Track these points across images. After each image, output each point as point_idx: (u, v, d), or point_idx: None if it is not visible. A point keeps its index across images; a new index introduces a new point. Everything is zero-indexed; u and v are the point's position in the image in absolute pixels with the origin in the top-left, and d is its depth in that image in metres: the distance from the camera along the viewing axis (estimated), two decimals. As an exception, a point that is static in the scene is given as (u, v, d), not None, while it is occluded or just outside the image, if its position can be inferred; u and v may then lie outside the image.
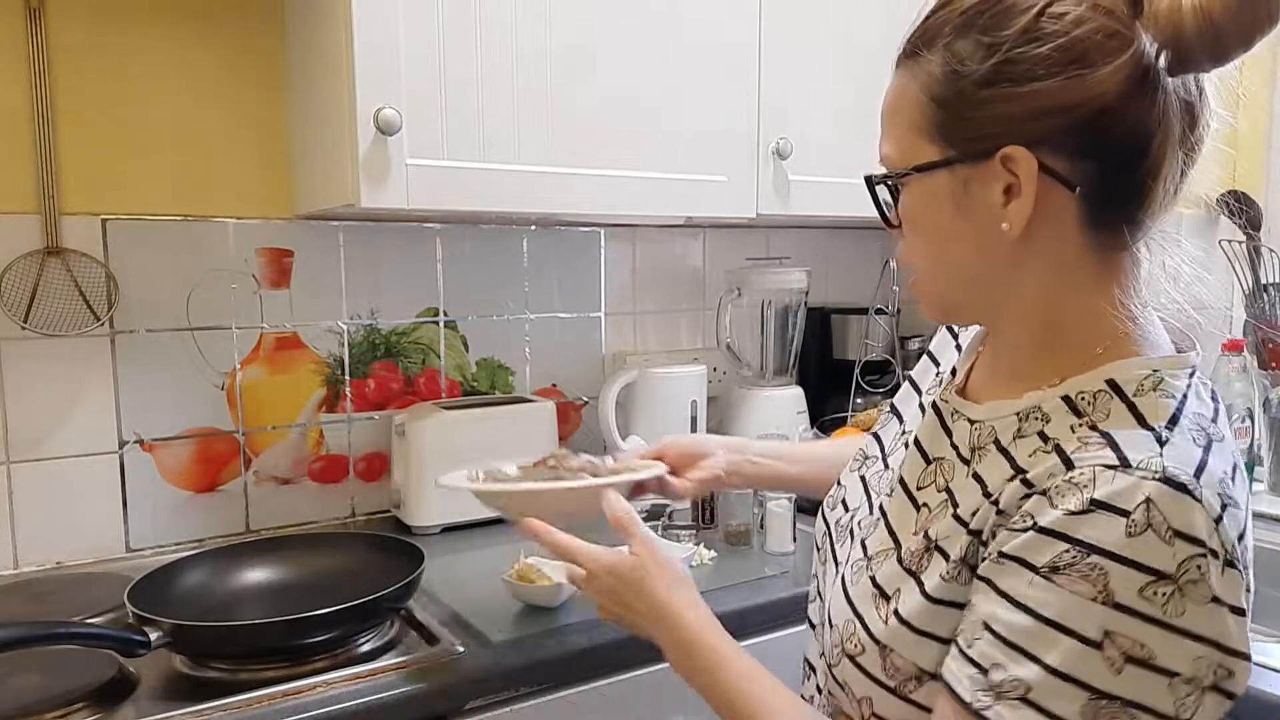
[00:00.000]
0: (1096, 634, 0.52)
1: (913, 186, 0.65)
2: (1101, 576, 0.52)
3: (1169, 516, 0.52)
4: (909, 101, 0.63)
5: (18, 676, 0.95)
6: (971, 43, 0.59)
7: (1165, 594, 0.52)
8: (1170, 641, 0.52)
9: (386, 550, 1.18)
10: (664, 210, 1.43)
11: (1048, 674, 0.53)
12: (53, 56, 1.25)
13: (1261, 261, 1.59)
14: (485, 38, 1.23)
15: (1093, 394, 0.60)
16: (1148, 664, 0.52)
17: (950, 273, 0.66)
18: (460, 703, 0.98)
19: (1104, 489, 0.53)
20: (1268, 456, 1.61)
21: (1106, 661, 0.52)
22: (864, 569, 0.69)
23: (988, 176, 0.61)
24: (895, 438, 0.80)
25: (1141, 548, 0.52)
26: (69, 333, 1.28)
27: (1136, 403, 0.59)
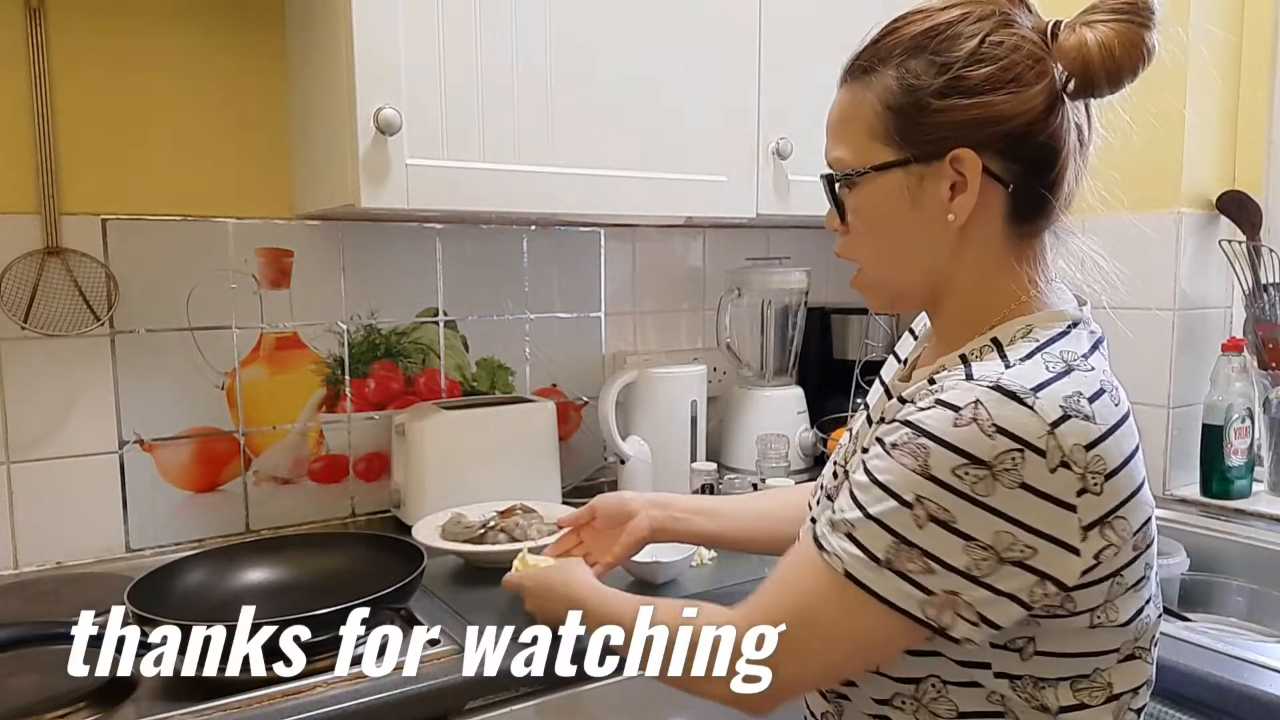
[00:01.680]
0: (910, 496, 0.65)
1: (868, 185, 0.75)
2: (924, 453, 0.65)
3: (994, 416, 0.63)
4: (864, 110, 0.74)
5: (18, 676, 0.95)
6: (924, 62, 0.71)
7: (977, 476, 0.63)
8: (972, 513, 0.63)
9: (386, 550, 1.18)
10: (664, 210, 1.43)
11: (868, 519, 0.67)
12: (53, 56, 1.25)
13: (1261, 261, 1.59)
14: (485, 38, 1.23)
15: (979, 349, 0.73)
16: (947, 526, 0.64)
17: (898, 261, 0.77)
18: (460, 703, 0.98)
19: (948, 393, 0.66)
20: (1268, 456, 1.61)
21: (914, 518, 0.65)
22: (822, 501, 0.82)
23: (938, 175, 0.72)
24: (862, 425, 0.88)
25: (963, 436, 0.64)
26: (69, 333, 1.28)
27: (1006, 349, 0.72)
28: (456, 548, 1.25)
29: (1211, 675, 0.98)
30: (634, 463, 1.59)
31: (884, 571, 0.66)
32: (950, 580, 0.64)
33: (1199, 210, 1.61)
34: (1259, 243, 1.60)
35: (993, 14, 0.71)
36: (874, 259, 0.79)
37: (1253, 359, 1.60)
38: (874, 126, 0.74)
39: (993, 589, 0.64)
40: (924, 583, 0.65)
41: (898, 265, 0.78)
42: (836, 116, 0.78)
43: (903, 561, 0.65)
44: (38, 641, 0.89)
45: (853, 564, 0.67)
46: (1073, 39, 0.69)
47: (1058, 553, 0.64)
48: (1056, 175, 0.72)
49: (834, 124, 0.78)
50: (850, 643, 0.69)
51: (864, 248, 0.79)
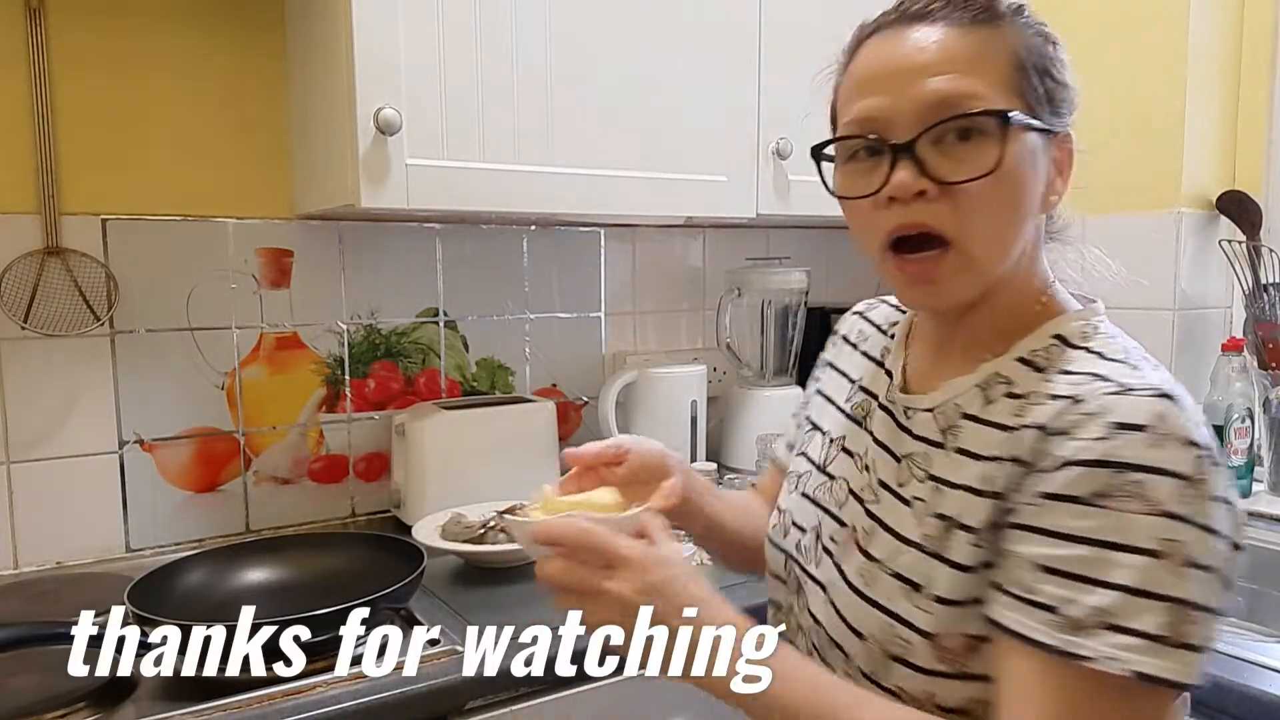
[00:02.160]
0: (1153, 544, 0.54)
1: (1015, 138, 0.63)
2: (1141, 489, 0.54)
3: (1175, 425, 0.56)
4: (999, 57, 0.64)
5: (18, 676, 0.95)
6: (1036, 31, 0.66)
7: (1192, 495, 0.54)
8: (1204, 539, 0.55)
9: (386, 550, 1.18)
10: (664, 210, 1.43)
11: (1121, 594, 0.54)
12: (53, 56, 1.25)
13: (1261, 261, 1.59)
14: (485, 38, 1.23)
15: (1045, 349, 0.66)
16: (1197, 564, 0.54)
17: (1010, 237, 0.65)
18: (460, 703, 0.98)
19: (1118, 412, 0.57)
20: (1268, 456, 1.61)
21: (1169, 568, 0.53)
22: (878, 571, 0.68)
23: (1052, 151, 0.66)
24: (824, 447, 0.81)
25: (1166, 456, 0.55)
26: (69, 333, 1.28)
27: (1088, 346, 0.65)
28: (456, 548, 1.25)
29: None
30: (634, 463, 1.59)
31: (1174, 651, 0.53)
32: (1210, 625, 0.55)
33: (1199, 210, 1.61)
34: (1259, 243, 1.60)
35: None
36: (991, 229, 0.64)
37: (1253, 359, 1.60)
38: (1009, 78, 0.64)
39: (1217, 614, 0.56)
40: (1200, 642, 0.54)
41: (1009, 242, 0.66)
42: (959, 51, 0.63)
43: (1182, 626, 0.53)
44: (38, 641, 0.89)
45: (1140, 657, 0.53)
46: None
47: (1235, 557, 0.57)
48: None
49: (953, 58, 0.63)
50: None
51: (982, 213, 0.63)
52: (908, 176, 0.63)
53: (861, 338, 0.86)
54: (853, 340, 0.87)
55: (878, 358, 0.81)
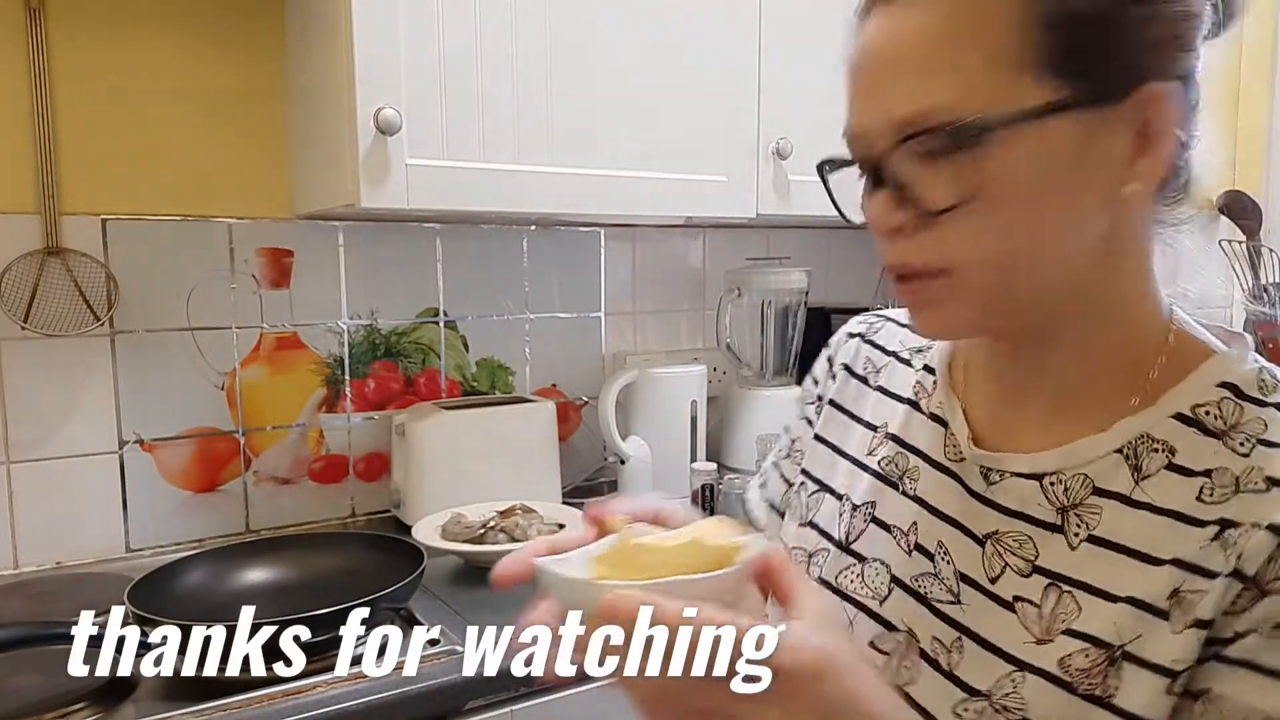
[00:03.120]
0: None
1: (1010, 144, 0.46)
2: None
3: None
4: (986, 24, 0.46)
5: (18, 676, 0.95)
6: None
7: None
8: None
9: (386, 550, 1.18)
10: (664, 210, 1.43)
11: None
12: (53, 57, 1.25)
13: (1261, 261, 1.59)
14: (485, 38, 1.23)
15: (1216, 404, 0.49)
16: None
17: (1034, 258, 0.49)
18: (460, 703, 0.98)
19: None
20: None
21: None
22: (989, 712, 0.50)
23: (1121, 121, 0.47)
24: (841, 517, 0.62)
25: None
26: (69, 333, 1.28)
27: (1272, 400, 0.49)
28: (456, 548, 1.25)
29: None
30: (634, 463, 1.59)
31: None
32: None
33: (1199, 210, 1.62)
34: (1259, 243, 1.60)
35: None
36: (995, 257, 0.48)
37: (1253, 359, 1.60)
38: (1011, 49, 0.46)
39: None
40: None
41: (1036, 264, 0.49)
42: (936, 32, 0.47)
43: None
44: (38, 641, 0.89)
45: None
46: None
47: None
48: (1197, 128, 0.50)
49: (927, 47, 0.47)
50: None
51: (975, 242, 0.48)
52: (879, 209, 0.50)
53: (871, 368, 0.67)
54: (859, 372, 0.68)
55: (909, 397, 0.63)
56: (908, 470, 0.59)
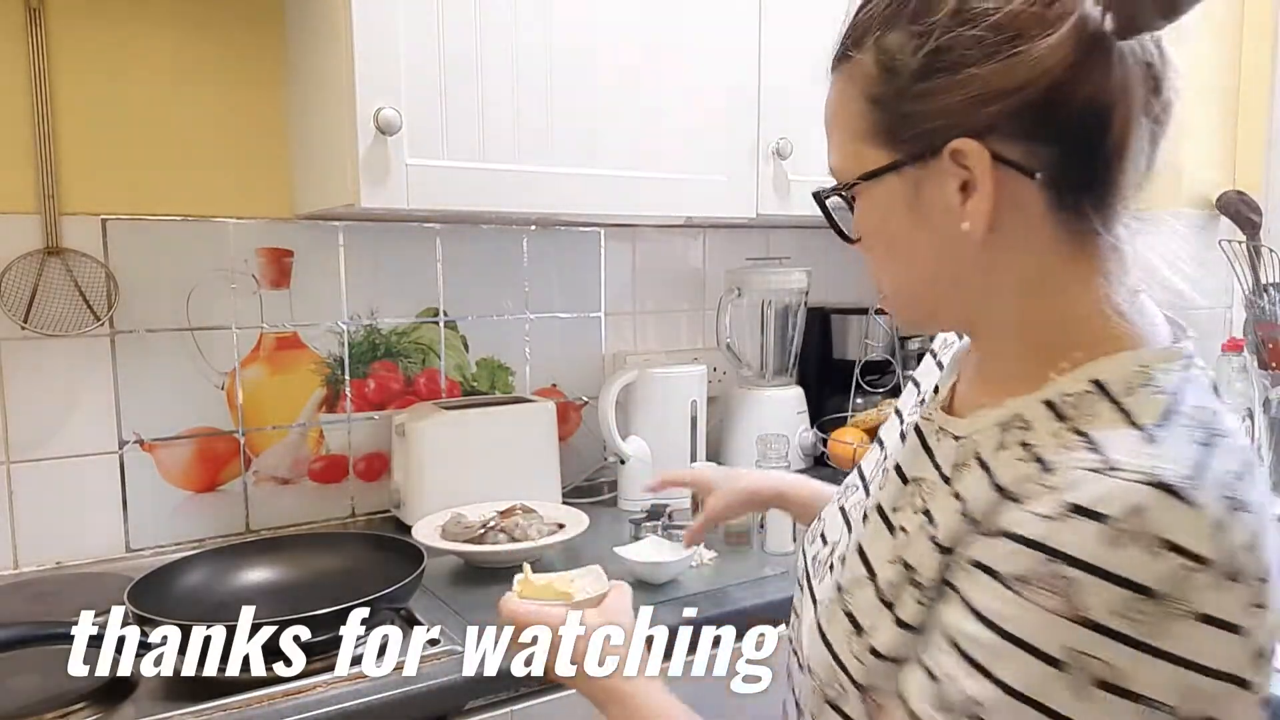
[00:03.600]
0: (1060, 653, 0.47)
1: (864, 196, 0.61)
2: (1069, 588, 0.47)
3: (1157, 524, 0.46)
4: (847, 107, 0.60)
5: (18, 676, 0.95)
6: (902, 34, 0.55)
7: (1146, 612, 0.46)
8: (1149, 666, 0.46)
9: (386, 550, 1.18)
10: (664, 210, 1.43)
11: (1003, 693, 0.48)
12: (53, 56, 1.25)
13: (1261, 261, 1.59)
14: (485, 38, 1.23)
15: (1077, 396, 0.55)
16: (1119, 689, 0.46)
17: (918, 283, 0.62)
18: (460, 703, 0.98)
19: (1083, 492, 0.48)
20: (1268, 456, 1.61)
21: (1069, 683, 0.47)
22: (838, 604, 0.63)
23: (939, 175, 0.56)
24: (876, 464, 0.75)
25: (1122, 559, 0.46)
26: (69, 333, 1.28)
27: (1124, 403, 0.53)
28: (456, 548, 1.25)
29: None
30: (634, 463, 1.59)
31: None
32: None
33: (1199, 210, 1.62)
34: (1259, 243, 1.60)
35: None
36: (893, 280, 0.63)
37: (1253, 359, 1.60)
38: (859, 126, 0.59)
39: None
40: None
41: (919, 288, 0.62)
42: (827, 116, 0.63)
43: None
44: (38, 641, 0.89)
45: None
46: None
47: (1234, 693, 0.47)
48: (1115, 144, 0.54)
49: (826, 126, 0.63)
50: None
51: (881, 266, 0.64)
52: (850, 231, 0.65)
53: (944, 346, 0.78)
54: (935, 349, 0.79)
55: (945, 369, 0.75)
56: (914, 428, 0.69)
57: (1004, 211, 0.55)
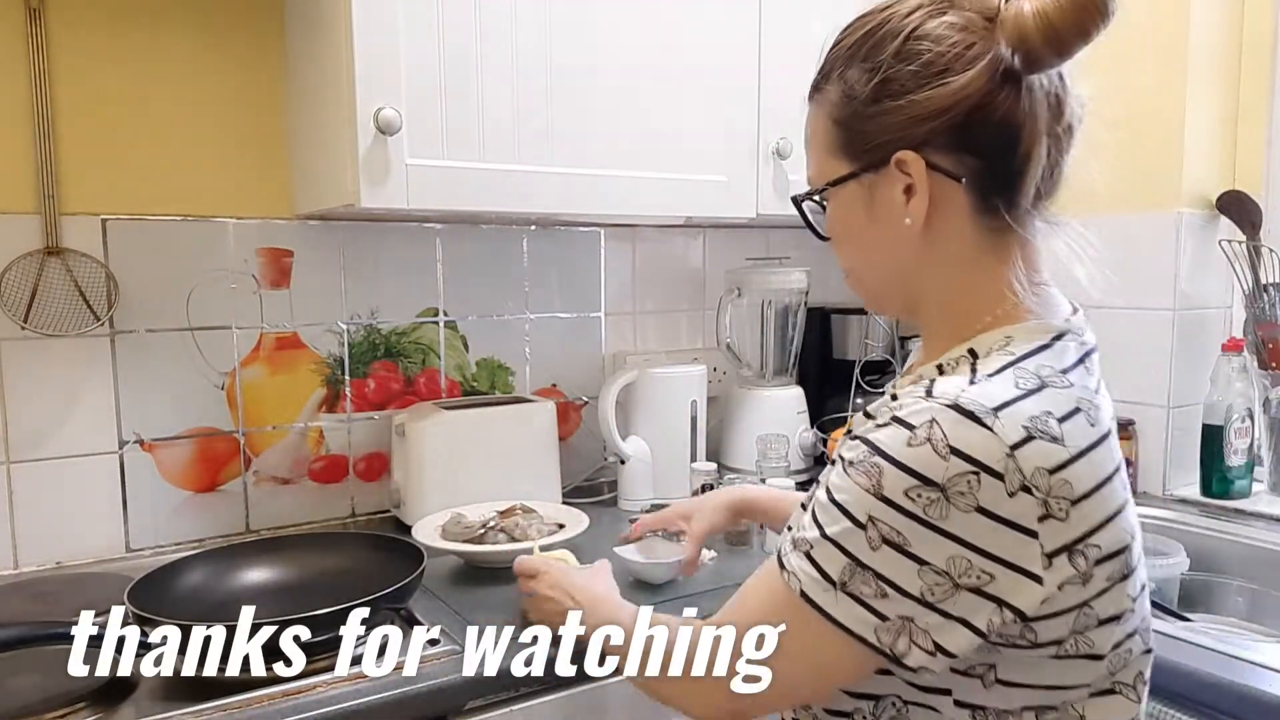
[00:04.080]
0: (863, 517, 0.63)
1: (833, 200, 0.76)
2: (877, 472, 0.63)
3: (949, 436, 0.61)
4: (819, 128, 0.76)
5: (18, 676, 0.95)
6: (858, 70, 0.71)
7: (930, 498, 0.61)
8: (925, 536, 0.61)
9: (386, 550, 1.18)
10: (664, 210, 1.43)
11: (824, 539, 0.65)
12: (53, 56, 1.25)
13: (1261, 261, 1.59)
14: (485, 38, 1.23)
15: (954, 360, 0.70)
16: (901, 549, 0.62)
17: (874, 269, 0.78)
18: (460, 703, 0.98)
19: (904, 410, 0.64)
20: (1268, 456, 1.61)
21: (867, 540, 0.63)
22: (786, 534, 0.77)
23: (888, 181, 0.71)
24: None
25: (916, 457, 0.62)
26: (69, 333, 1.28)
27: (978, 362, 0.68)
28: (456, 548, 1.25)
29: (1211, 675, 0.98)
30: (634, 463, 1.59)
31: (839, 595, 0.64)
32: (904, 605, 0.62)
33: (1199, 210, 1.61)
34: (1259, 243, 1.60)
35: (924, 4, 0.69)
36: (856, 267, 0.80)
37: (1253, 359, 1.60)
38: (828, 144, 0.75)
39: (947, 615, 0.62)
40: (878, 607, 0.63)
41: (875, 273, 0.79)
42: (805, 137, 0.80)
43: (857, 584, 0.63)
44: (38, 641, 0.89)
45: (809, 585, 0.65)
46: (1010, 12, 0.66)
47: (1018, 580, 0.61)
48: (1023, 157, 0.68)
49: (805, 145, 0.80)
50: (806, 665, 0.68)
51: (847, 257, 0.80)
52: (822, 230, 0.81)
53: None
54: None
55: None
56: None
57: (937, 209, 0.70)
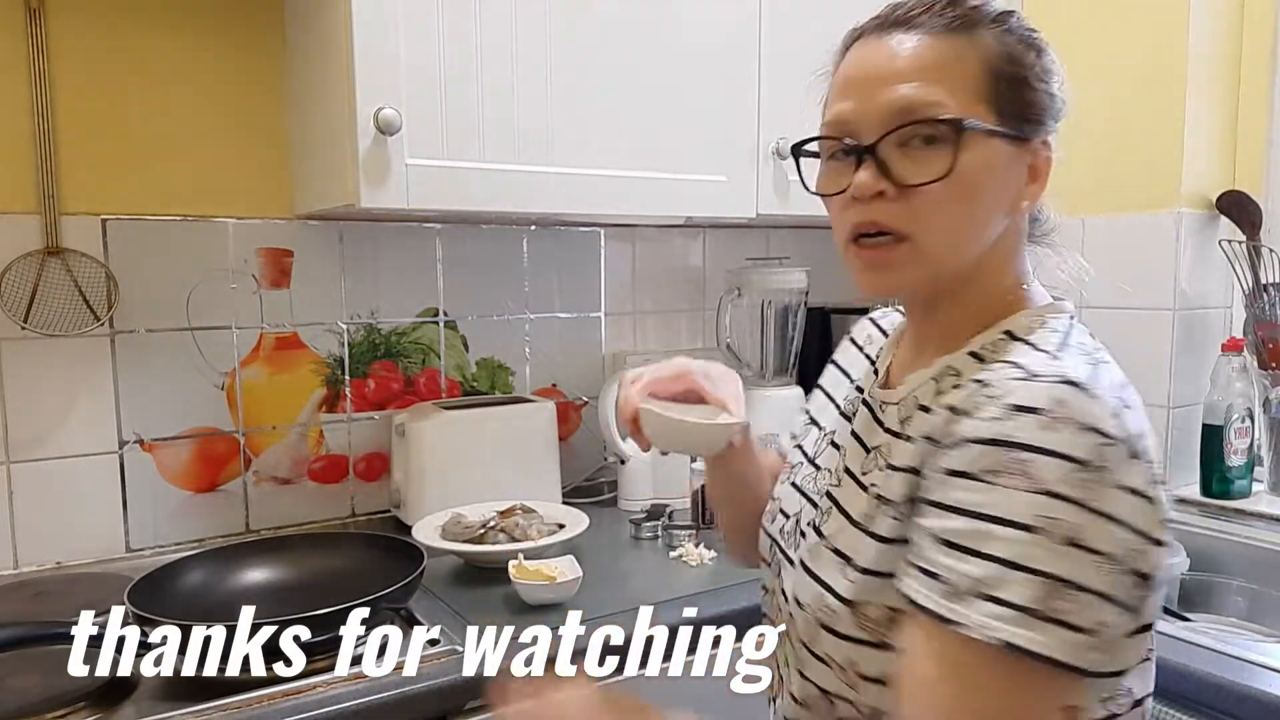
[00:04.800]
0: (1031, 519, 0.55)
1: (974, 144, 0.66)
2: (1026, 467, 0.56)
3: (1075, 411, 0.57)
4: (967, 65, 0.67)
5: (18, 676, 0.95)
6: (1019, 39, 0.68)
7: (1083, 479, 0.56)
8: (1094, 523, 0.56)
9: (386, 550, 1.18)
10: (664, 210, 1.43)
11: (994, 564, 0.56)
12: (53, 56, 1.25)
13: (1261, 261, 1.59)
14: (485, 38, 1.23)
15: (993, 343, 0.69)
16: (1078, 544, 0.55)
17: (969, 235, 0.69)
18: (460, 703, 0.98)
19: (1017, 395, 0.59)
20: (1268, 456, 1.61)
21: (1044, 544, 0.55)
22: (824, 546, 0.72)
23: (1025, 156, 0.69)
24: (817, 441, 0.84)
25: (1058, 438, 0.56)
26: (69, 333, 1.28)
27: (1028, 339, 0.67)
28: (456, 548, 1.25)
29: (1211, 675, 0.98)
30: (634, 463, 1.59)
31: (1044, 625, 0.54)
32: (1097, 609, 0.55)
33: (1199, 210, 1.61)
34: (1259, 243, 1.60)
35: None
36: (948, 226, 0.68)
37: (1253, 359, 1.60)
38: (978, 86, 0.67)
39: (1125, 607, 0.56)
40: (1079, 622, 0.55)
41: (967, 240, 0.69)
42: (929, 59, 0.67)
43: (1054, 602, 0.55)
44: (38, 641, 0.89)
45: (1011, 628, 0.55)
46: None
47: (1153, 550, 0.57)
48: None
49: (922, 65, 0.67)
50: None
51: (937, 213, 0.67)
52: (868, 178, 0.67)
53: (868, 341, 0.90)
54: (859, 342, 0.91)
55: (874, 357, 0.85)
56: (856, 404, 0.80)
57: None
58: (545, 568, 1.16)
